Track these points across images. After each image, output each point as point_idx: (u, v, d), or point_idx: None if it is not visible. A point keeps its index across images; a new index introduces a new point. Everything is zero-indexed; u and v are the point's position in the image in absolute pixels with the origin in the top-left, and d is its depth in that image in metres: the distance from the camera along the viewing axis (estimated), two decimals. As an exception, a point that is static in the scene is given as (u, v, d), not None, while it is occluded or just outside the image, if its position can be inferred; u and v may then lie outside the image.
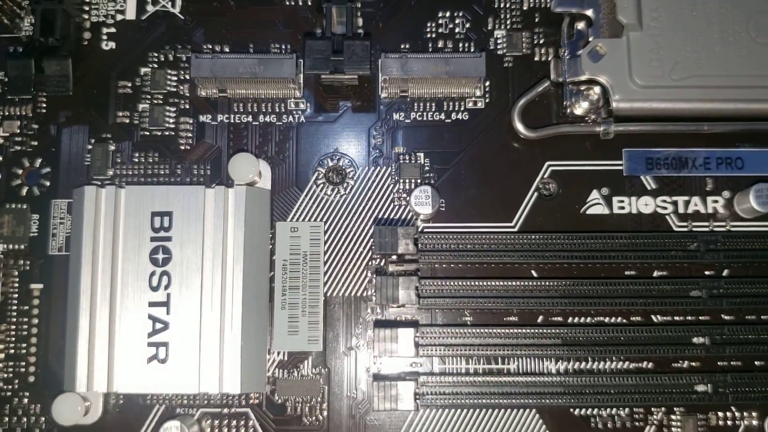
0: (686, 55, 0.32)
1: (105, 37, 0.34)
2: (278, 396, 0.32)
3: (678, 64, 0.32)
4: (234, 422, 0.31)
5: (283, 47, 0.34)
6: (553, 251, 0.32)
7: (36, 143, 0.33)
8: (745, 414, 0.32)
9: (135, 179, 0.33)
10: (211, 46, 0.34)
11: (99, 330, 0.30)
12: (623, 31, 0.32)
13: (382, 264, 0.32)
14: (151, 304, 0.30)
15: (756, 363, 0.32)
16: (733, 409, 0.32)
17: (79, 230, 0.31)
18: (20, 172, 0.33)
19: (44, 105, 0.34)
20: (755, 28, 0.32)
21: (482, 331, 0.31)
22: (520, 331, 0.31)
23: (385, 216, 0.33)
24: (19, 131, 0.33)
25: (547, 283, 0.31)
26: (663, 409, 0.32)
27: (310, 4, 0.34)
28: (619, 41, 0.32)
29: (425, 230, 0.32)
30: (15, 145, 0.33)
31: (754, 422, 0.32)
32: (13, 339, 0.32)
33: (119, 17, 0.34)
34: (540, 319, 0.32)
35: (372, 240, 0.32)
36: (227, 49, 0.34)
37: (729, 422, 0.32)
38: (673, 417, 0.32)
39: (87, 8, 0.34)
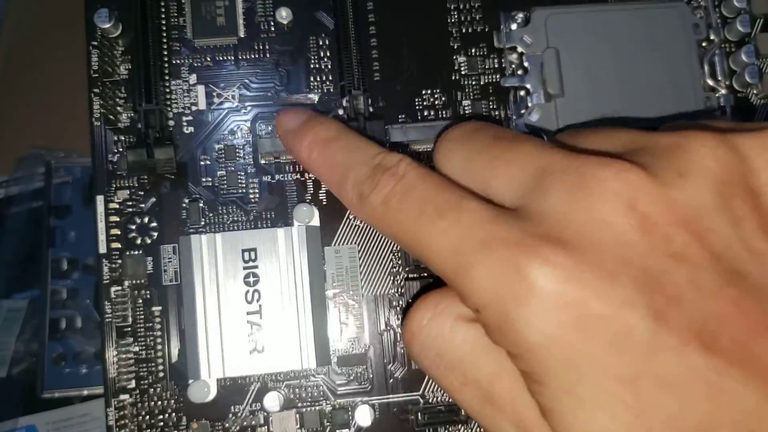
0: (598, 110, 0.47)
1: (185, 123, 0.47)
2: (339, 368, 0.46)
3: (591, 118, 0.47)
4: (309, 388, 0.45)
5: (316, 124, 0.47)
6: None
7: (143, 206, 0.46)
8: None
9: (220, 227, 0.46)
10: (263, 126, 0.47)
11: (212, 334, 0.43)
12: (551, 98, 0.47)
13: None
14: (248, 313, 0.44)
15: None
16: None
17: (190, 266, 0.44)
18: (133, 227, 0.46)
19: (145, 176, 0.46)
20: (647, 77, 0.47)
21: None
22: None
23: (403, 238, 0.47)
24: (129, 197, 0.46)
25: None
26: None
27: (332, 91, 0.48)
28: (549, 105, 0.47)
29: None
30: (128, 208, 0.46)
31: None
32: (144, 347, 0.45)
33: (194, 108, 0.47)
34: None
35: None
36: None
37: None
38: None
39: (169, 103, 0.47)
